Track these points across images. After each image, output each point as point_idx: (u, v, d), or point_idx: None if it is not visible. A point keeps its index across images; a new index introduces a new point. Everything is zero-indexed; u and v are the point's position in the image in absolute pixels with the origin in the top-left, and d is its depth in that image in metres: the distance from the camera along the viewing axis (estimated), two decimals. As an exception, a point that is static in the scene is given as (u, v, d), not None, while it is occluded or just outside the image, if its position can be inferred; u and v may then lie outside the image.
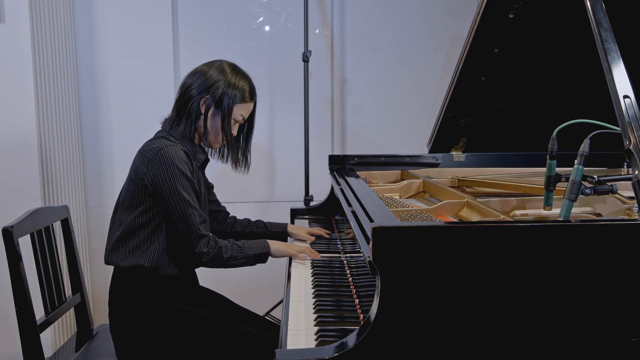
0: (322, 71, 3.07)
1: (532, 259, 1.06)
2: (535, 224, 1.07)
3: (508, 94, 2.25)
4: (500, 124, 2.34)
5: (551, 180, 1.40)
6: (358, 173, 2.28)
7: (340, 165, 2.44)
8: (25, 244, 1.71)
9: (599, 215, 1.60)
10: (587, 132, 1.27)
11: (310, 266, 1.78)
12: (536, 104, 2.24)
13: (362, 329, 1.06)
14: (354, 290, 1.52)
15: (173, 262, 1.71)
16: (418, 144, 3.01)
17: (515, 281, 1.06)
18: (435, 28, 3.09)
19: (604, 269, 1.06)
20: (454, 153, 2.44)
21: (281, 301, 2.76)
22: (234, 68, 1.80)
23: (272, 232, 2.07)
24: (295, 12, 3.01)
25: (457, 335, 1.06)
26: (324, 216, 2.42)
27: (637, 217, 1.45)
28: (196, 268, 1.86)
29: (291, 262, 1.80)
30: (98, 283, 2.99)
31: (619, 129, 1.25)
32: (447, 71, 3.05)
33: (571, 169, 1.25)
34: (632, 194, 1.28)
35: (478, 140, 2.41)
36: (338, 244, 2.00)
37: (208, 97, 1.73)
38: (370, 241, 1.06)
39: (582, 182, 1.24)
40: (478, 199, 1.63)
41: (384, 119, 3.13)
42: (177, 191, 1.62)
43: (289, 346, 1.20)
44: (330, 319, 1.35)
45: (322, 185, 2.94)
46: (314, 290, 1.56)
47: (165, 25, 2.93)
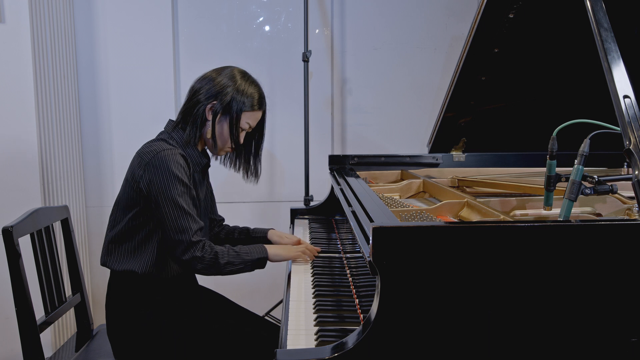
0: (322, 71, 3.07)
1: (532, 259, 1.06)
2: (535, 224, 1.07)
3: (508, 94, 2.25)
4: (500, 124, 2.34)
5: (551, 180, 1.40)
6: (358, 173, 2.28)
7: (340, 165, 2.44)
8: (25, 244, 1.71)
9: (599, 215, 1.60)
10: (587, 132, 1.27)
11: (310, 266, 1.78)
12: (536, 104, 2.24)
13: (362, 329, 1.06)
14: (354, 290, 1.52)
15: (168, 267, 1.70)
16: (418, 144, 3.01)
17: (515, 281, 1.06)
18: (435, 28, 3.10)
19: (604, 269, 1.06)
20: (454, 153, 2.44)
21: (281, 301, 2.76)
22: (243, 75, 1.76)
23: (253, 238, 2.01)
24: (295, 12, 3.01)
25: (457, 335, 1.06)
26: (324, 216, 2.42)
27: (637, 217, 1.46)
28: (192, 274, 1.83)
29: (291, 263, 1.80)
30: (98, 283, 2.99)
31: (619, 129, 1.25)
32: (447, 71, 3.05)
33: (571, 169, 1.25)
34: (632, 194, 1.28)
35: (478, 140, 2.41)
36: (338, 244, 2.00)
37: (215, 104, 1.70)
38: (370, 241, 1.06)
39: (582, 182, 1.24)
40: (478, 199, 1.63)
41: (384, 119, 3.14)
42: (172, 197, 1.59)
43: (289, 346, 1.20)
44: (330, 319, 1.35)
45: (322, 185, 2.95)
46: (314, 290, 1.56)
47: (165, 25, 2.93)
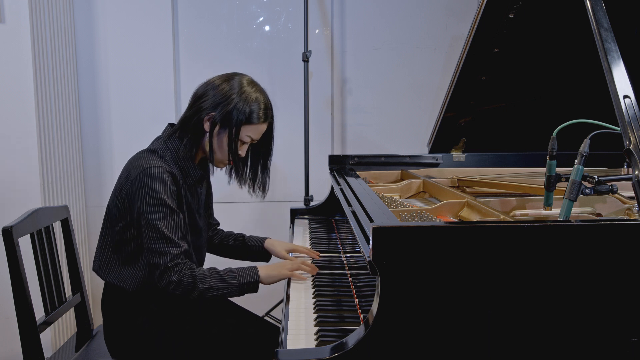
0: (322, 71, 3.07)
1: (532, 259, 1.06)
2: (535, 224, 1.07)
3: (508, 94, 2.25)
4: (500, 124, 2.34)
5: (551, 180, 1.40)
6: (358, 173, 2.28)
7: (340, 165, 2.44)
8: (25, 244, 1.71)
9: (599, 215, 1.60)
10: (587, 132, 1.27)
11: (310, 266, 1.78)
12: (536, 104, 2.24)
13: (362, 328, 1.06)
14: (354, 290, 1.52)
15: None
16: (418, 144, 3.01)
17: (515, 281, 1.06)
18: (435, 28, 3.10)
19: (604, 269, 1.06)
20: (454, 153, 2.44)
21: (281, 301, 2.75)
22: (249, 84, 1.66)
23: (249, 246, 1.94)
24: (295, 12, 3.01)
25: (457, 335, 1.06)
26: (324, 216, 2.42)
27: (637, 217, 1.46)
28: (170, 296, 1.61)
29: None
30: (98, 283, 2.98)
31: (619, 129, 1.25)
32: (447, 71, 3.05)
33: (571, 169, 1.25)
34: (632, 194, 1.28)
35: (478, 140, 2.41)
36: (338, 244, 2.00)
37: (214, 115, 1.61)
38: (370, 241, 1.06)
39: (582, 182, 1.24)
40: (478, 199, 1.63)
41: (384, 119, 3.13)
42: (152, 220, 1.53)
43: (289, 346, 1.21)
44: (330, 319, 1.35)
45: (322, 185, 2.95)
46: (314, 290, 1.56)
47: (165, 25, 2.93)
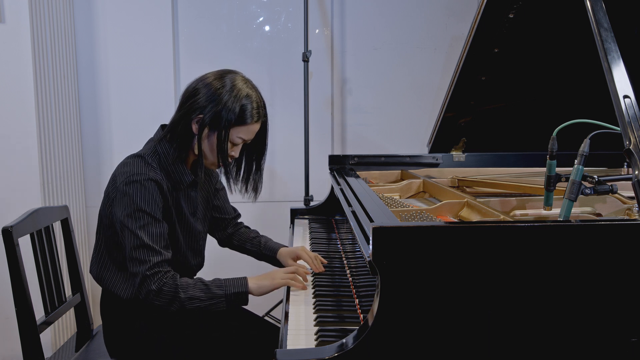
0: (322, 71, 3.07)
1: (532, 259, 1.06)
2: (535, 224, 1.07)
3: (508, 94, 2.25)
4: (500, 124, 2.34)
5: (551, 180, 1.40)
6: (358, 173, 2.28)
7: (340, 165, 2.44)
8: (25, 244, 1.71)
9: (599, 215, 1.60)
10: (587, 132, 1.27)
11: (310, 266, 1.78)
12: (536, 104, 2.24)
13: (362, 328, 1.06)
14: (354, 290, 1.52)
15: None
16: (418, 144, 3.01)
17: (515, 281, 1.06)
18: (435, 28, 3.10)
19: (604, 269, 1.06)
20: (454, 153, 2.44)
21: (281, 301, 2.75)
22: (240, 81, 1.59)
23: (264, 254, 1.88)
24: (295, 12, 3.01)
25: (457, 335, 1.06)
26: (324, 216, 2.42)
27: (637, 217, 1.46)
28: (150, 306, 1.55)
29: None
30: (98, 283, 2.99)
31: (619, 129, 1.25)
32: (447, 71, 3.05)
33: (571, 169, 1.25)
34: (632, 194, 1.28)
35: (478, 140, 2.41)
36: (338, 244, 2.00)
37: (202, 117, 1.55)
38: (370, 241, 1.06)
39: (582, 182, 1.24)
40: (478, 199, 1.63)
41: (384, 119, 3.13)
42: (131, 229, 1.49)
43: (289, 346, 1.20)
44: (330, 319, 1.35)
45: (322, 185, 2.95)
46: (314, 290, 1.56)
47: (165, 25, 2.93)
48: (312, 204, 2.81)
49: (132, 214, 1.50)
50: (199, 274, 1.71)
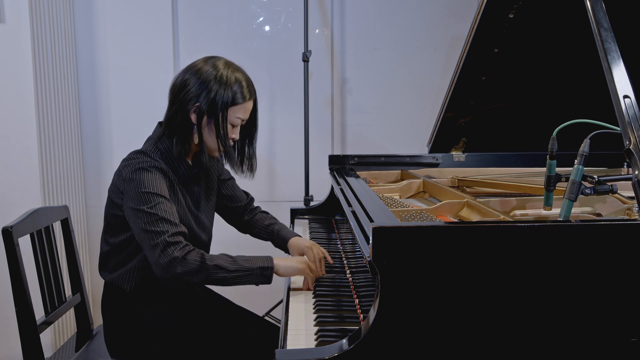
0: (322, 71, 3.07)
1: (532, 259, 1.06)
2: (535, 224, 1.07)
3: (508, 94, 2.25)
4: (500, 124, 2.34)
5: (551, 180, 1.40)
6: (358, 173, 2.28)
7: (340, 165, 2.44)
8: (25, 244, 1.71)
9: (599, 215, 1.60)
10: (587, 132, 1.27)
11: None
12: (536, 104, 2.24)
13: (362, 328, 1.06)
14: (354, 290, 1.52)
15: (157, 285, 1.61)
16: (418, 144, 3.01)
17: (515, 281, 1.06)
18: (435, 28, 3.09)
19: (604, 269, 1.06)
20: (454, 153, 2.44)
21: (281, 301, 2.75)
22: (224, 66, 1.61)
23: (276, 244, 1.89)
24: (295, 12, 3.01)
25: (457, 335, 1.06)
26: (324, 216, 2.42)
27: (637, 217, 1.45)
28: (174, 284, 1.51)
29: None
30: (98, 283, 2.98)
31: (619, 129, 1.25)
32: (447, 71, 3.05)
33: (571, 169, 1.25)
34: (632, 194, 1.28)
35: (478, 140, 2.41)
36: (338, 244, 2.00)
37: (199, 105, 1.58)
38: (370, 241, 1.06)
39: (582, 182, 1.24)
40: (478, 199, 1.63)
41: (384, 119, 3.13)
42: (143, 209, 1.49)
43: (289, 346, 1.20)
44: (330, 319, 1.35)
45: (322, 185, 2.95)
46: (314, 290, 1.56)
47: (165, 25, 2.93)
48: (312, 204, 2.81)
49: (142, 197, 1.51)
50: None
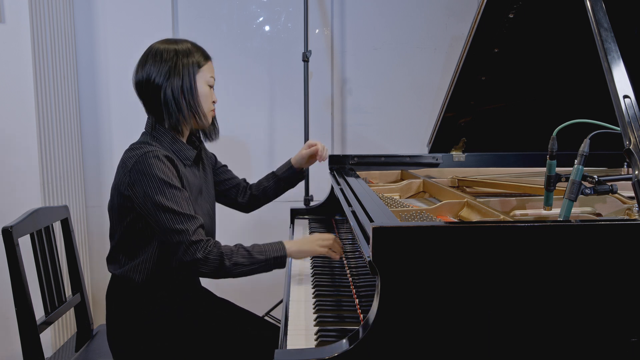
0: (322, 71, 3.07)
1: (532, 259, 1.06)
2: (535, 224, 1.07)
3: (508, 94, 2.24)
4: (500, 124, 2.34)
5: (551, 180, 1.40)
6: (358, 173, 2.28)
7: (340, 165, 2.44)
8: (25, 244, 1.71)
9: (599, 215, 1.60)
10: (587, 132, 1.27)
11: (310, 266, 1.78)
12: (536, 104, 2.24)
13: (362, 328, 1.06)
14: (354, 290, 1.52)
15: (168, 275, 1.65)
16: (418, 144, 3.01)
17: (515, 281, 1.06)
18: (435, 28, 3.10)
19: (604, 269, 1.06)
20: (454, 153, 2.44)
21: (281, 301, 2.75)
22: (170, 42, 1.71)
23: (283, 178, 2.05)
24: (295, 12, 3.01)
25: (457, 335, 1.06)
26: (324, 216, 2.42)
27: (637, 217, 1.46)
28: (198, 277, 1.67)
29: (291, 262, 1.80)
30: (98, 283, 2.99)
31: (619, 129, 1.25)
32: (447, 71, 3.05)
33: (571, 169, 1.25)
34: (632, 194, 1.28)
35: (478, 140, 2.41)
36: (338, 244, 2.00)
37: (172, 80, 1.64)
38: (370, 241, 1.06)
39: (582, 182, 1.24)
40: (478, 199, 1.63)
41: (384, 119, 3.13)
42: (160, 202, 1.52)
43: (289, 346, 1.20)
44: (330, 319, 1.35)
45: (322, 185, 2.95)
46: (314, 290, 1.56)
47: (165, 26, 2.93)
48: (312, 204, 2.81)
49: (156, 187, 1.53)
50: None
